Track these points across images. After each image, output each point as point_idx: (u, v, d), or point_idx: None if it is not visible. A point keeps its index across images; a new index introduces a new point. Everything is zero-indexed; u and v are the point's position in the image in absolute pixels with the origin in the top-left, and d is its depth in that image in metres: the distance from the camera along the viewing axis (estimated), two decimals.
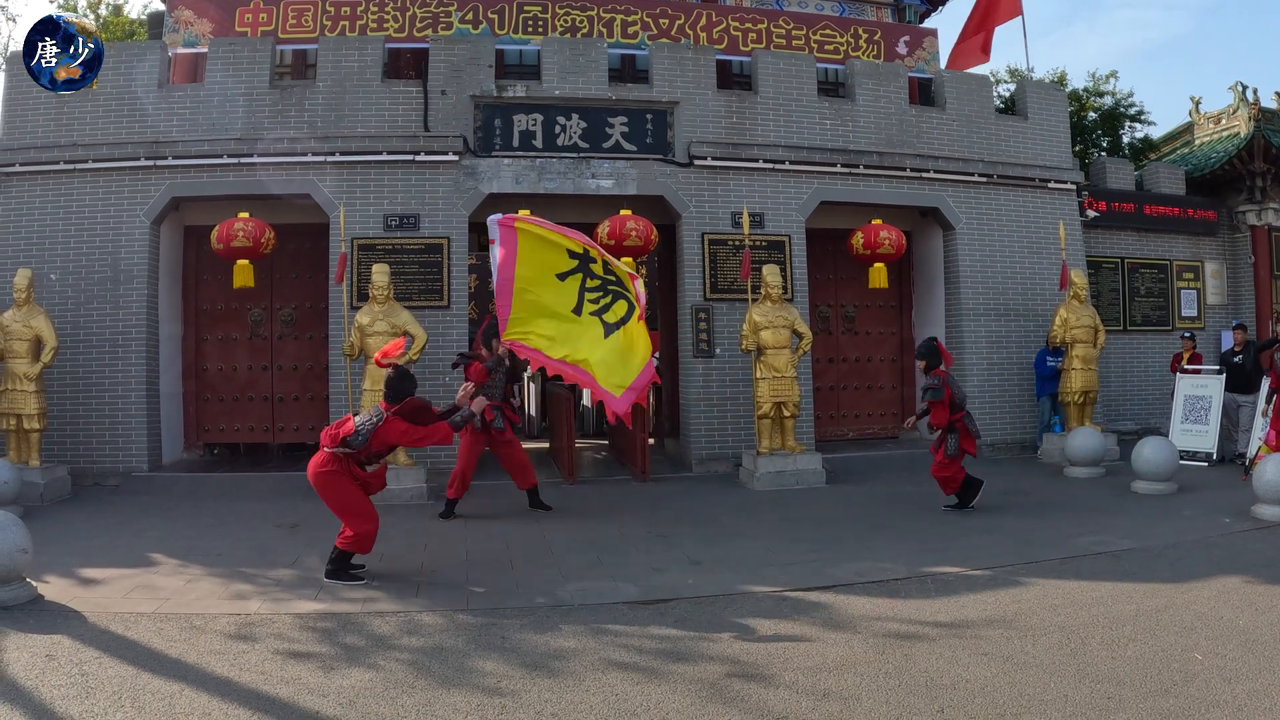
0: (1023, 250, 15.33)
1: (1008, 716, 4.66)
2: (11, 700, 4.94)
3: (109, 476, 12.37)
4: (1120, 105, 26.84)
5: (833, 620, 6.39)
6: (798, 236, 14.19)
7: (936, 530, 9.33)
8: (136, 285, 12.83)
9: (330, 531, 9.47)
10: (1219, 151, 18.10)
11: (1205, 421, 13.57)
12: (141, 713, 4.80)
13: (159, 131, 12.99)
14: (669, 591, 7.17)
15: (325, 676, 5.34)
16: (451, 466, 12.66)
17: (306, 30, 14.76)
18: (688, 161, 13.83)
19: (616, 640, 6.02)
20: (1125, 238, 17.51)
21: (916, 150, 14.80)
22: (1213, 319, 18.02)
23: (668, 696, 5.00)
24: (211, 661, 5.57)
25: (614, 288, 9.69)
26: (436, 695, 5.06)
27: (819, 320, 15.41)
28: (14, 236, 12.77)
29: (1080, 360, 13.65)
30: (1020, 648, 5.68)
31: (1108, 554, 8.18)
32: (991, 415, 14.85)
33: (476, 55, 13.53)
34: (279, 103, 13.25)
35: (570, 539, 9.14)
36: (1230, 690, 4.92)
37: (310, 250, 13.78)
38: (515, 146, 13.47)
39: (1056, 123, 16.03)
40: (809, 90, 14.54)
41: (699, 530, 9.51)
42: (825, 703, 4.89)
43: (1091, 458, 12.60)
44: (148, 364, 12.86)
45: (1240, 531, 8.99)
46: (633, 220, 12.75)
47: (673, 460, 14.69)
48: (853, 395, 16.04)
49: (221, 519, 10.22)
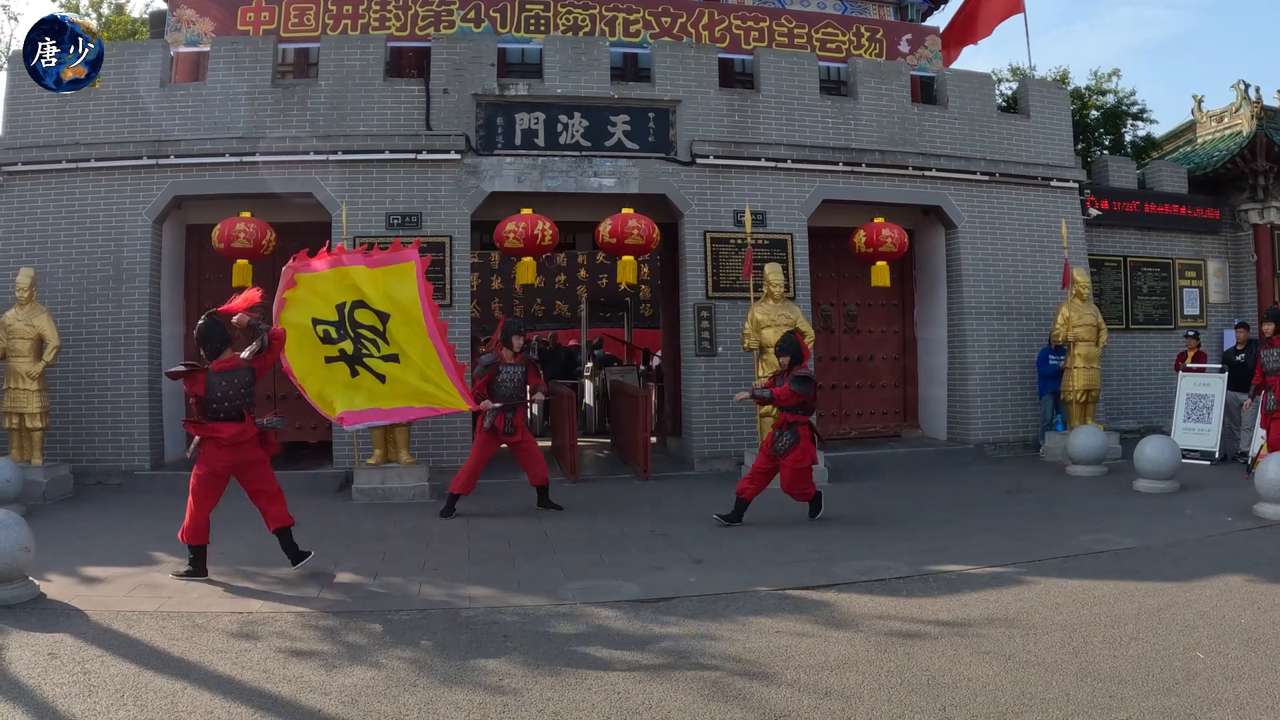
0: (1025, 249, 15.32)
1: (1009, 715, 4.66)
2: (14, 699, 4.94)
3: (111, 475, 12.38)
4: (1123, 104, 26.78)
5: (835, 618, 6.39)
6: (800, 235, 14.18)
7: (939, 529, 9.34)
8: (139, 284, 12.84)
9: (331, 531, 9.51)
10: (1221, 150, 18.08)
11: (1208, 420, 13.56)
12: (144, 711, 4.81)
13: (161, 130, 13.00)
14: (671, 590, 7.17)
15: (327, 675, 5.34)
16: (449, 465, 12.74)
17: (308, 29, 14.75)
18: (690, 160, 13.83)
19: (618, 639, 6.02)
20: (1127, 236, 17.49)
21: (919, 148, 14.79)
22: (1215, 317, 17.99)
23: (669, 695, 5.00)
24: (214, 660, 5.58)
25: (365, 333, 9.81)
26: (438, 694, 5.06)
27: (821, 319, 15.40)
28: (16, 236, 12.78)
29: (1082, 359, 13.64)
30: (1022, 646, 5.68)
31: (1110, 552, 8.18)
32: (994, 414, 14.85)
33: (478, 54, 13.53)
34: (281, 101, 13.26)
35: (572, 537, 9.15)
36: (1232, 689, 4.91)
37: (312, 249, 13.74)
38: (517, 145, 13.47)
39: (1059, 121, 16.01)
40: (811, 88, 14.53)
41: (701, 529, 9.52)
42: (827, 701, 4.89)
43: (1094, 456, 12.60)
44: (150, 363, 12.86)
45: (1242, 530, 8.99)
46: (634, 219, 12.74)
47: (675, 459, 14.69)
48: (855, 394, 16.04)
49: (223, 518, 10.16)
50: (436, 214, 13.18)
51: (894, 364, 16.31)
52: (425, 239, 12.99)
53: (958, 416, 15.11)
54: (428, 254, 10.17)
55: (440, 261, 13.04)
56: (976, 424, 14.74)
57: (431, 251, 13.02)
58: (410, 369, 9.65)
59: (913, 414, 16.26)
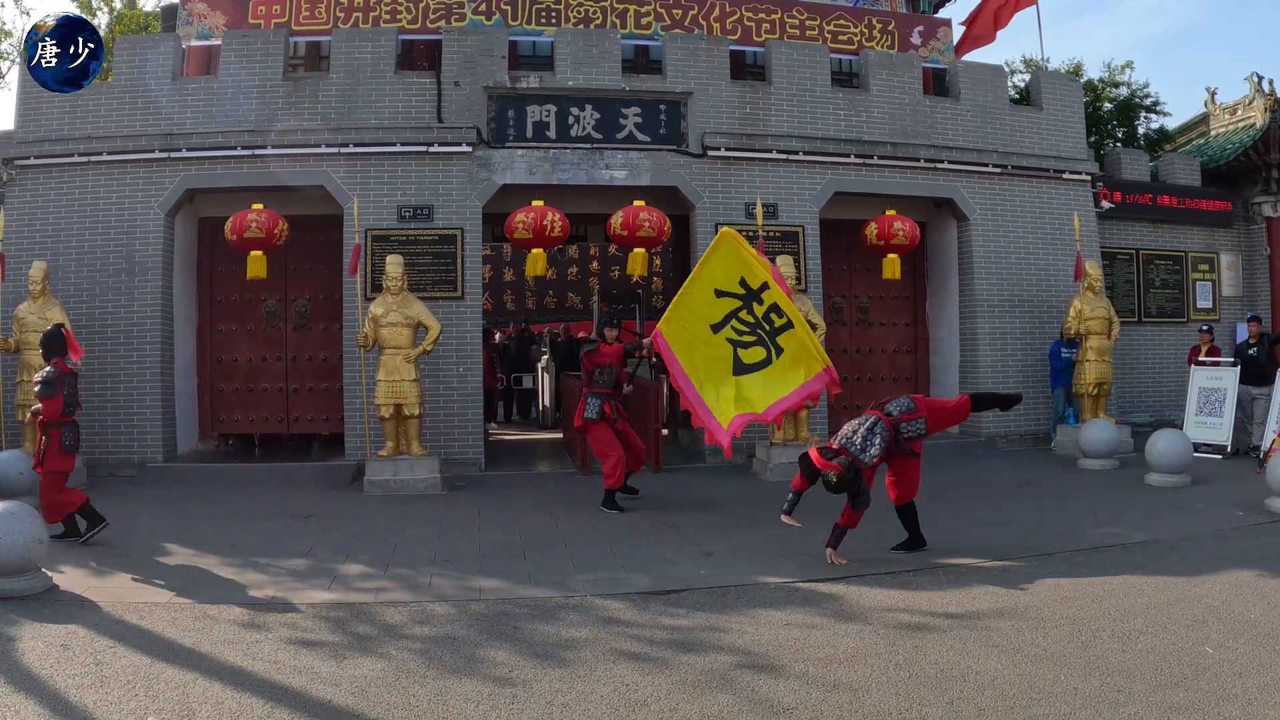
0: (1037, 241, 15.26)
1: (1018, 708, 4.66)
2: (27, 689, 4.99)
3: (124, 467, 12.45)
4: (1136, 96, 26.62)
5: (843, 611, 6.39)
6: (811, 227, 14.16)
7: (949, 522, 9.31)
8: (151, 277, 12.88)
9: (343, 522, 9.56)
10: (1234, 142, 17.96)
11: (1220, 414, 13.50)
12: (155, 701, 4.84)
13: (173, 123, 13.04)
14: (680, 582, 7.19)
15: (337, 666, 5.37)
16: (460, 457, 12.79)
17: (320, 22, 14.78)
18: (701, 152, 13.81)
19: (627, 631, 6.04)
20: (1140, 229, 17.39)
21: (931, 141, 14.73)
22: (1228, 311, 17.89)
23: (677, 687, 5.02)
24: (224, 651, 5.62)
25: (763, 333, 9.05)
26: (448, 685, 5.08)
27: (832, 311, 15.36)
28: (29, 229, 12.82)
29: (1094, 352, 13.59)
30: (1031, 640, 5.68)
31: (1120, 546, 8.16)
32: None
33: (490, 46, 13.53)
34: (292, 94, 13.28)
35: (582, 530, 9.17)
36: (1241, 684, 4.90)
37: (324, 241, 13.79)
38: (529, 137, 13.47)
39: (1071, 113, 15.93)
40: (823, 81, 14.49)
41: (711, 521, 9.53)
42: (835, 694, 4.90)
43: (1105, 450, 12.57)
44: (162, 355, 12.92)
45: (1253, 525, 8.95)
46: (646, 211, 12.72)
47: (686, 451, 14.69)
48: (866, 386, 15.97)
49: (235, 509, 10.28)
50: (448, 206, 13.20)
51: (905, 356, 16.26)
52: (437, 232, 13.05)
53: None
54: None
55: (451, 254, 13.06)
56: (988, 417, 14.68)
57: (442, 244, 13.06)
58: (798, 333, 8.85)
59: None
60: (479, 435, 13.33)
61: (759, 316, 9.01)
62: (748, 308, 9.06)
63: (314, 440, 14.67)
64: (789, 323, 8.81)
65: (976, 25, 17.69)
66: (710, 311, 9.21)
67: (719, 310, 9.17)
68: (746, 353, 9.06)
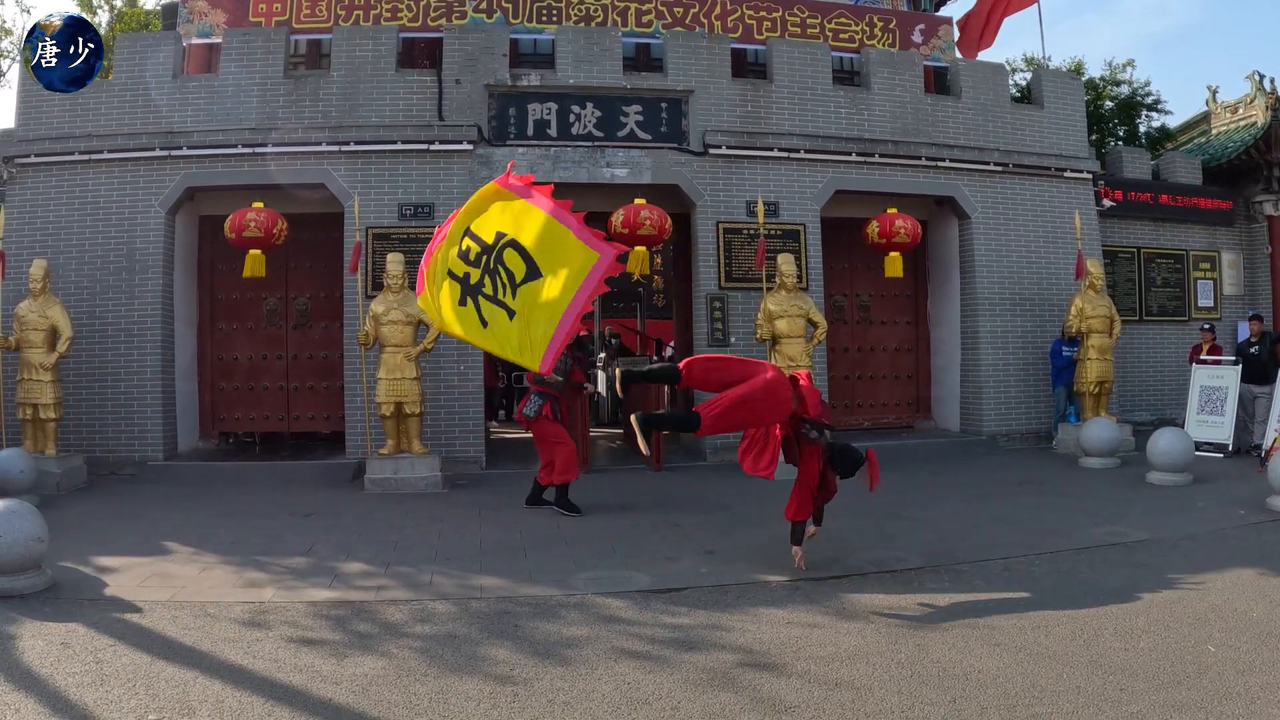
0: (1038, 239, 15.26)
1: (1020, 707, 4.65)
2: (27, 688, 4.97)
3: (125, 466, 12.44)
4: (1137, 94, 26.63)
5: (845, 610, 6.38)
6: (813, 225, 14.15)
7: (951, 520, 9.31)
8: (151, 275, 12.88)
9: (343, 521, 9.55)
10: (1236, 141, 17.95)
11: (1221, 413, 13.49)
12: (155, 700, 4.83)
13: (173, 122, 13.03)
14: (682, 581, 7.17)
15: (338, 664, 5.36)
16: (461, 455, 12.78)
17: (320, 20, 14.78)
18: (702, 150, 13.81)
19: (628, 629, 6.03)
20: (1141, 227, 17.39)
21: (932, 139, 14.73)
22: (1229, 309, 17.89)
23: (679, 685, 5.01)
24: (225, 649, 5.60)
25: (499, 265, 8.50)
26: (449, 683, 5.07)
27: (834, 309, 15.37)
28: (29, 227, 12.82)
29: (1096, 350, 13.58)
30: (1033, 638, 5.66)
31: (1121, 545, 8.14)
32: (1006, 405, 14.81)
33: (491, 44, 13.52)
34: (293, 93, 13.27)
35: (584, 528, 9.15)
36: (1243, 682, 4.89)
37: (325, 240, 13.79)
38: (530, 135, 13.47)
39: (1073, 111, 15.93)
40: (824, 79, 14.49)
41: (713, 519, 9.51)
42: (837, 692, 4.89)
43: (1106, 448, 12.56)
44: (163, 353, 12.92)
45: (1255, 523, 8.94)
46: (647, 209, 12.71)
47: (687, 449, 14.67)
48: (868, 385, 16.01)
49: (236, 508, 10.27)
50: (449, 205, 13.13)
51: (906, 355, 16.26)
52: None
53: (970, 408, 15.07)
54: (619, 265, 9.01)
55: None
56: (989, 415, 14.70)
57: None
58: (515, 330, 8.33)
59: (925, 405, 16.22)
60: (480, 433, 13.32)
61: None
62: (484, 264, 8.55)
63: (314, 438, 14.66)
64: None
65: (970, 30, 17.65)
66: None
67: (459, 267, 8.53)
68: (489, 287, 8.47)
